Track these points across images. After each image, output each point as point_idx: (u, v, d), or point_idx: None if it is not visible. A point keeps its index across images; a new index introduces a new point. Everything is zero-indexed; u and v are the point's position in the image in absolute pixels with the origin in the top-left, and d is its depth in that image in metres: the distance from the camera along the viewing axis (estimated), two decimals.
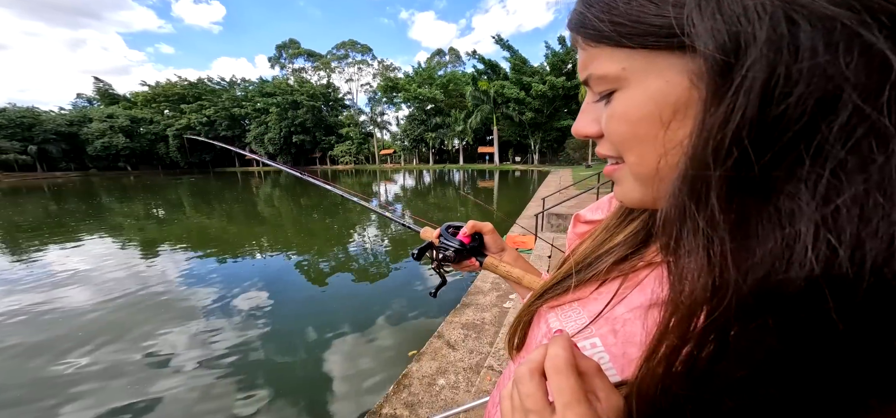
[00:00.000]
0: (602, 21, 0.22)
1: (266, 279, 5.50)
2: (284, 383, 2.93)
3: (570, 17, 0.25)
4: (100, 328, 3.96)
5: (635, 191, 0.26)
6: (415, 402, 1.90)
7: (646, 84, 0.22)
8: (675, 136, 0.21)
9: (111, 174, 49.54)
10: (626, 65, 0.22)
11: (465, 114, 37.38)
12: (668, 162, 0.22)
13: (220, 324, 3.95)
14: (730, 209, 0.18)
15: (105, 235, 9.08)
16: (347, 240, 8.56)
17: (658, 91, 0.21)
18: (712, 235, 0.18)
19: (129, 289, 5.10)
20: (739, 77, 0.16)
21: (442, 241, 0.60)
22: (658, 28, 0.19)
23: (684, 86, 0.20)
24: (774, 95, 0.15)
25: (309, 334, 3.71)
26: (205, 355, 3.33)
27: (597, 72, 0.24)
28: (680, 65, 0.20)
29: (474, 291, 3.57)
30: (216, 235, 9.18)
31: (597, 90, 0.25)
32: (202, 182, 30.24)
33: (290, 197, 18.01)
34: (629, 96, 0.23)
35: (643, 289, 0.30)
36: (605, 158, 0.28)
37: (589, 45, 0.24)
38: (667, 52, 0.20)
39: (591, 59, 0.24)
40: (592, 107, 0.27)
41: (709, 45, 0.17)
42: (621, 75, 0.23)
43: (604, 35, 0.22)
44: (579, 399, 0.22)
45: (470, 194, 17.38)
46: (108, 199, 18.24)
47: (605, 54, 0.23)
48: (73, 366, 3.21)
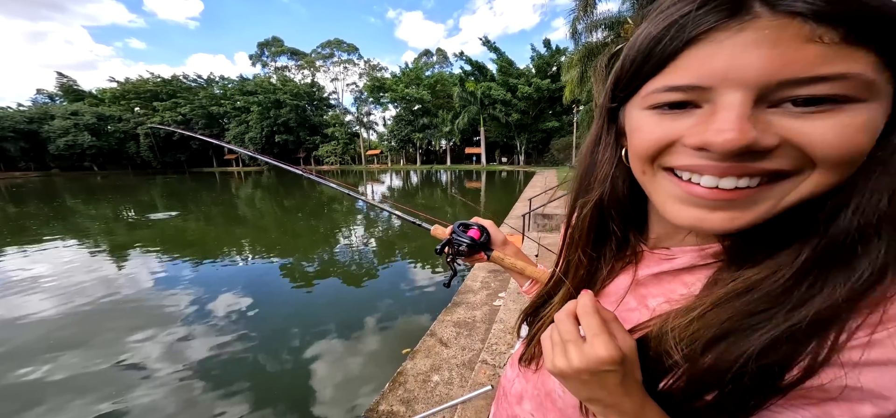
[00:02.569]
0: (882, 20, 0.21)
1: (248, 283, 5.34)
2: (270, 389, 2.86)
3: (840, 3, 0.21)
4: (64, 336, 3.72)
5: (781, 209, 0.25)
6: (411, 399, 1.92)
7: (882, 102, 0.22)
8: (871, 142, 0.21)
9: (75, 174, 46.47)
10: (879, 77, 0.21)
11: (453, 114, 37.55)
12: (829, 181, 0.23)
13: (197, 330, 3.78)
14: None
15: (70, 239, 8.54)
16: (333, 241, 8.43)
17: (881, 113, 0.21)
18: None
19: (97, 295, 4.81)
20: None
21: (456, 237, 0.65)
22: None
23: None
24: None
25: (296, 338, 3.63)
26: (181, 363, 3.17)
27: (853, 70, 0.21)
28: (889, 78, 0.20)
29: (465, 290, 3.62)
30: (193, 238, 8.82)
31: (824, 92, 0.22)
32: (177, 182, 28.90)
33: (272, 197, 17.52)
34: (873, 110, 0.22)
35: (628, 273, 0.39)
36: (747, 177, 0.25)
37: (850, 42, 0.21)
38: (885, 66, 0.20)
39: (840, 57, 0.21)
40: (762, 114, 0.23)
41: None
42: (876, 86, 0.21)
43: (879, 35, 0.21)
44: (604, 330, 0.28)
45: (458, 194, 17.50)
46: (74, 201, 17.13)
47: (863, 57, 0.21)
48: (34, 376, 2.99)
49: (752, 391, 0.25)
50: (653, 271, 0.36)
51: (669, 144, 0.27)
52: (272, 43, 61.93)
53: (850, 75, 0.21)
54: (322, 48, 60.80)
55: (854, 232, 0.23)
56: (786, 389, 0.24)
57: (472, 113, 35.28)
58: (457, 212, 12.84)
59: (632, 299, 0.37)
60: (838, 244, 0.24)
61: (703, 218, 0.27)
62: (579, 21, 12.88)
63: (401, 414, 1.82)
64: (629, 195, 0.37)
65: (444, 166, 43.83)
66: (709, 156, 0.25)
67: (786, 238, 0.26)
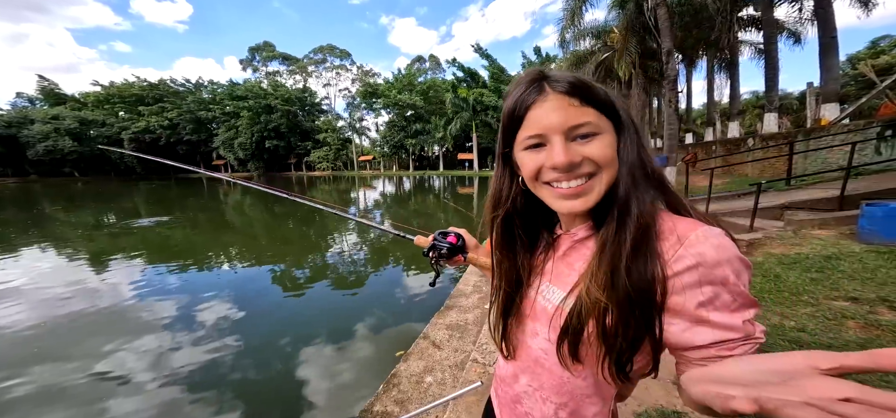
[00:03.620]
0: (589, 92, 0.44)
1: (236, 290, 5.27)
2: (262, 395, 2.83)
3: (561, 86, 0.44)
4: (39, 346, 3.59)
5: (596, 195, 0.45)
6: (405, 399, 1.95)
7: (609, 133, 0.45)
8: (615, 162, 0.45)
9: (55, 180, 44.82)
10: (600, 120, 0.44)
11: (445, 120, 37.77)
12: (612, 176, 0.45)
13: (182, 339, 3.68)
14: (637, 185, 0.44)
15: (49, 246, 8.25)
16: (324, 248, 8.36)
17: (612, 136, 0.45)
18: (638, 195, 0.44)
19: (76, 304, 4.66)
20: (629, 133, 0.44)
21: (437, 243, 0.79)
22: (609, 103, 0.45)
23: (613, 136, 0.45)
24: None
25: (288, 344, 3.58)
26: (167, 373, 3.08)
27: (590, 119, 0.44)
28: (609, 124, 0.45)
29: (457, 294, 3.66)
30: (179, 246, 8.62)
31: (581, 133, 0.44)
32: (162, 188, 28.19)
33: (262, 204, 17.24)
34: (607, 136, 0.44)
35: (550, 257, 0.56)
36: (577, 179, 0.45)
37: (582, 105, 0.44)
38: (606, 118, 0.45)
39: (584, 114, 0.43)
40: (575, 144, 0.44)
41: (624, 114, 0.44)
42: (602, 125, 0.44)
43: (589, 100, 0.44)
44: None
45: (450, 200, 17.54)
46: (53, 208, 16.53)
47: (590, 111, 0.44)
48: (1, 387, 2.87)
49: (645, 308, 0.41)
50: (569, 245, 0.54)
51: (540, 168, 0.46)
52: (263, 47, 61.47)
53: (589, 121, 0.43)
54: (314, 53, 60.64)
55: (624, 196, 0.44)
56: (662, 305, 0.41)
57: (465, 119, 35.59)
58: (449, 217, 12.89)
59: (563, 267, 0.53)
60: (623, 203, 0.44)
61: (571, 205, 0.46)
62: (567, 30, 13.22)
63: (395, 414, 1.84)
64: (528, 207, 0.56)
65: (437, 172, 43.92)
66: (558, 171, 0.45)
67: (609, 208, 0.46)
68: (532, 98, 0.45)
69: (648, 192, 0.44)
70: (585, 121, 0.43)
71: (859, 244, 3.64)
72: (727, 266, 0.38)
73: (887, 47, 22.20)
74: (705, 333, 0.38)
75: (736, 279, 0.38)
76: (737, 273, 0.38)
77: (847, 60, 23.41)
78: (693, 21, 13.34)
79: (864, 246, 3.56)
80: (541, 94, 0.45)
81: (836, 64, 9.33)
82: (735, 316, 0.38)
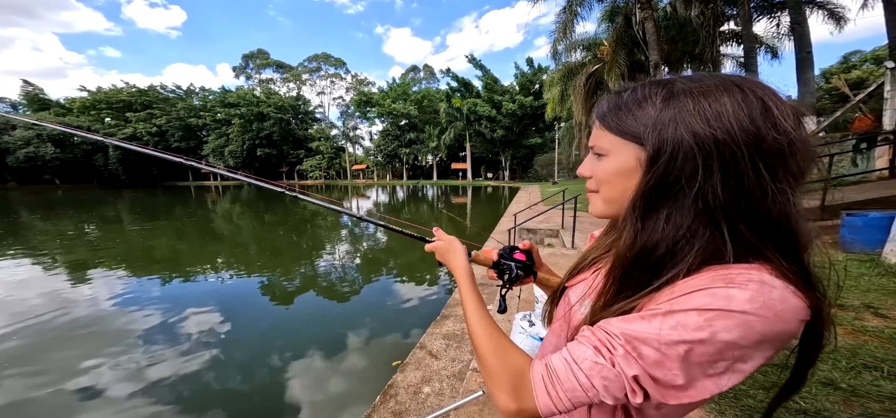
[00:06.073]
0: (608, 119, 0.45)
1: (226, 301, 5.13)
2: (257, 408, 2.73)
3: (596, 111, 0.48)
4: (11, 357, 3.42)
5: (600, 207, 0.50)
6: (402, 410, 1.90)
7: (619, 155, 0.45)
8: (627, 184, 0.44)
9: (34, 187, 43.33)
10: (613, 144, 0.45)
11: (439, 130, 38.03)
12: (623, 194, 0.45)
13: (164, 352, 3.55)
14: (644, 216, 0.41)
15: (26, 255, 7.92)
16: (317, 256, 8.23)
17: (625, 160, 0.44)
18: (636, 225, 0.42)
19: (52, 314, 4.47)
20: (657, 166, 0.39)
21: (505, 262, 0.68)
22: (633, 131, 0.42)
23: (634, 162, 0.42)
24: (668, 177, 0.38)
25: (282, 356, 3.49)
26: (144, 388, 2.95)
27: (600, 143, 0.47)
28: (635, 151, 0.42)
29: (453, 303, 3.63)
30: (163, 256, 8.38)
31: (596, 152, 0.48)
32: (147, 197, 27.50)
33: (252, 212, 16.94)
34: (612, 160, 0.46)
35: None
36: (591, 188, 0.51)
37: (600, 128, 0.47)
38: (632, 143, 0.42)
39: (599, 136, 0.47)
40: (591, 159, 0.49)
41: (651, 146, 0.39)
42: (610, 148, 0.46)
43: (608, 126, 0.45)
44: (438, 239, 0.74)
45: (444, 209, 17.55)
46: (31, 216, 15.92)
47: (606, 135, 0.46)
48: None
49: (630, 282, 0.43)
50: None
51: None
52: (257, 55, 61.30)
53: (601, 144, 0.46)
54: (309, 61, 60.70)
55: (621, 223, 0.47)
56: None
57: (459, 128, 35.90)
58: (444, 227, 12.84)
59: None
60: (620, 228, 0.47)
61: (590, 208, 0.52)
62: (559, 42, 13.55)
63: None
64: None
65: (431, 181, 44.01)
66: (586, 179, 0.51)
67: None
68: (592, 120, 0.52)
69: (666, 231, 0.40)
70: (597, 143, 0.47)
71: (842, 253, 3.77)
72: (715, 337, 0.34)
73: (858, 62, 23.42)
74: (615, 323, 0.40)
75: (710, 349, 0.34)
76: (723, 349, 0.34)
77: (821, 74, 24.58)
78: (679, 35, 13.86)
79: (846, 254, 3.68)
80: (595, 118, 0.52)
81: (812, 78, 9.78)
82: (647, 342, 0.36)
